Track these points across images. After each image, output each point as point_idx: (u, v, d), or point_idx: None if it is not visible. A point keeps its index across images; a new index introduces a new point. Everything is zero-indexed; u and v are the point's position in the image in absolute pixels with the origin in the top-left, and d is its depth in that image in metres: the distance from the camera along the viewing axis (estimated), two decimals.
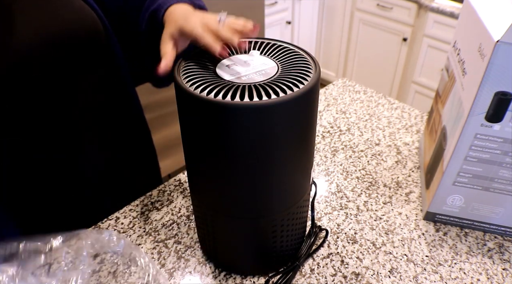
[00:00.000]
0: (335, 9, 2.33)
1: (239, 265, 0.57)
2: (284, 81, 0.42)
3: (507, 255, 0.61)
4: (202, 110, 0.41)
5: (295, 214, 0.53)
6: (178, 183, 0.74)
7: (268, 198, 0.48)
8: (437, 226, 0.66)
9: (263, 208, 0.48)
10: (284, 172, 0.46)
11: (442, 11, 1.79)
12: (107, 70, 0.61)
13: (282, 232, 0.52)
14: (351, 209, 0.69)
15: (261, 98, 0.39)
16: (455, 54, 0.66)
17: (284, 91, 0.40)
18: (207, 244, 0.57)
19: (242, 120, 0.40)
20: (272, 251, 0.54)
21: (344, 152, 0.82)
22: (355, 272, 0.58)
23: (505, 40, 0.46)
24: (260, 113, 0.39)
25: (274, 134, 0.41)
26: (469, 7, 0.61)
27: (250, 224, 0.50)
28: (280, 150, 0.43)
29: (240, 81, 0.42)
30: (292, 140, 0.44)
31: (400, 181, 0.75)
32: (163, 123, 1.56)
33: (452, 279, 0.57)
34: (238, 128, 0.40)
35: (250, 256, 0.55)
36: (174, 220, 0.66)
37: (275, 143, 0.42)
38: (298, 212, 0.53)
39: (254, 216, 0.49)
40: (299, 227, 0.56)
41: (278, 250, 0.55)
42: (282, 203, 0.49)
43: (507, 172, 0.57)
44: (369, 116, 0.93)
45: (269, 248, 0.54)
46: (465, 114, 0.54)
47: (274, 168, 0.45)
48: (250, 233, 0.52)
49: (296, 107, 0.41)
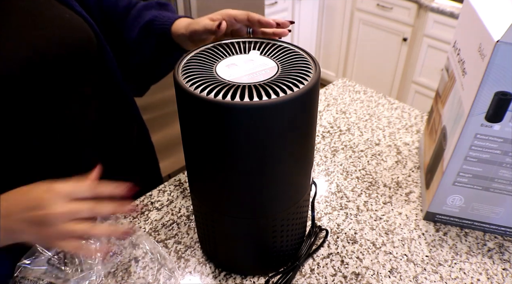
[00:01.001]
0: (335, 9, 2.33)
1: (239, 265, 0.57)
2: (284, 81, 0.42)
3: (507, 255, 0.61)
4: (202, 110, 0.41)
5: (295, 214, 0.53)
6: (178, 183, 0.74)
7: (268, 198, 0.48)
8: (437, 226, 0.66)
9: (263, 208, 0.48)
10: (284, 172, 0.46)
11: (442, 11, 1.79)
12: (101, 76, 0.62)
13: (282, 232, 0.52)
14: (351, 209, 0.69)
15: (261, 98, 0.39)
16: (455, 54, 0.66)
17: (284, 91, 0.40)
18: (207, 244, 0.57)
19: (242, 120, 0.40)
20: (272, 251, 0.54)
21: (344, 152, 0.82)
22: (355, 272, 0.58)
23: (505, 40, 0.46)
24: (260, 113, 0.39)
25: (274, 134, 0.41)
26: (469, 7, 0.61)
27: (250, 224, 0.50)
28: (280, 150, 0.43)
29: (240, 81, 0.42)
30: (292, 140, 0.44)
31: (400, 181, 0.75)
32: (163, 123, 1.56)
33: (452, 279, 0.57)
34: (238, 128, 0.40)
35: (250, 256, 0.55)
36: (174, 220, 0.66)
37: (275, 143, 0.42)
38: (298, 212, 0.53)
39: (254, 216, 0.49)
40: (299, 227, 0.56)
41: (278, 250, 0.55)
42: (282, 203, 0.49)
43: (507, 172, 0.57)
44: (369, 116, 0.93)
45: (269, 247, 0.54)
46: (465, 114, 0.54)
47: (274, 168, 0.45)
48: (250, 233, 0.52)
49: (296, 107, 0.41)
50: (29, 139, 0.52)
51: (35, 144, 0.53)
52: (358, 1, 2.16)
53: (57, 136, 0.55)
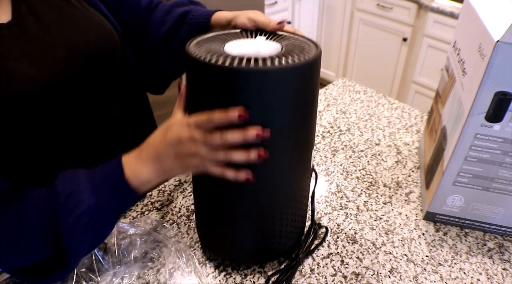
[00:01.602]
0: (335, 9, 2.32)
1: (236, 253, 0.57)
2: (287, 55, 0.44)
3: (507, 255, 0.61)
4: (210, 76, 0.43)
5: (294, 198, 0.53)
6: (178, 183, 0.74)
7: (268, 168, 0.48)
8: (437, 226, 0.66)
9: (262, 179, 0.49)
10: (285, 147, 0.48)
11: (442, 11, 1.79)
12: (123, 76, 0.63)
13: (282, 215, 0.53)
14: (351, 209, 0.69)
15: (266, 66, 0.41)
16: (455, 54, 0.66)
17: (287, 62, 0.42)
18: (203, 228, 0.58)
19: (248, 84, 0.42)
20: (271, 236, 0.54)
21: (344, 152, 0.82)
22: (355, 272, 0.58)
23: (505, 40, 0.46)
24: (264, 77, 0.42)
25: (278, 101, 0.44)
26: (469, 7, 0.61)
27: (248, 199, 0.51)
28: (281, 121, 0.45)
29: (247, 55, 0.44)
30: (293, 110, 0.46)
31: (400, 181, 0.75)
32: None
33: (452, 279, 0.57)
34: (243, 92, 0.42)
35: (248, 242, 0.55)
36: (174, 220, 0.66)
37: (278, 110, 0.44)
38: (298, 195, 0.54)
39: (252, 188, 0.50)
40: (299, 214, 0.56)
41: (277, 237, 0.54)
42: (282, 176, 0.50)
43: (507, 172, 0.57)
44: (369, 116, 0.93)
45: (268, 232, 0.54)
46: (465, 114, 0.54)
47: (275, 140, 0.46)
48: (249, 211, 0.52)
49: (297, 78, 0.44)
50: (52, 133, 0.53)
51: (54, 138, 0.54)
52: (358, 1, 2.16)
53: (74, 132, 0.56)
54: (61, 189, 0.44)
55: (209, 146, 0.44)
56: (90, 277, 0.53)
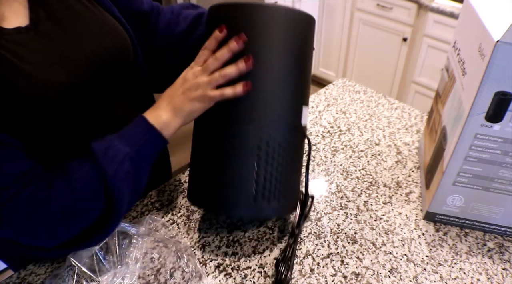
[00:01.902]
0: (335, 9, 2.32)
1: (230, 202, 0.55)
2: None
3: (507, 255, 0.61)
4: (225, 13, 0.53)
5: (283, 146, 0.54)
6: (178, 183, 0.74)
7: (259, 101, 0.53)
8: (437, 226, 0.66)
9: (252, 109, 0.53)
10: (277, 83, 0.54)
11: (442, 11, 1.79)
12: (134, 78, 0.64)
13: (267, 157, 0.53)
14: (351, 209, 0.69)
15: None
16: (455, 54, 0.66)
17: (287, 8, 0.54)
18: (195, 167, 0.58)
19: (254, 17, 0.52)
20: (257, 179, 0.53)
21: (344, 152, 0.82)
22: (355, 272, 0.58)
23: (505, 40, 0.46)
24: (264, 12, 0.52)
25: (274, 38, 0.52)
26: (469, 7, 0.61)
27: (237, 129, 0.53)
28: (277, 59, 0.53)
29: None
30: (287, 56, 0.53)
31: (400, 181, 0.75)
32: None
33: (452, 279, 0.57)
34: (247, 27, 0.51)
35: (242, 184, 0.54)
36: (174, 220, 0.66)
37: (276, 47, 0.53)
38: (286, 144, 0.55)
39: (241, 117, 0.53)
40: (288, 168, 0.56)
41: (261, 181, 0.53)
42: (271, 110, 0.54)
43: (507, 172, 0.57)
44: (369, 116, 0.93)
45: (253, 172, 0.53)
46: (465, 114, 0.54)
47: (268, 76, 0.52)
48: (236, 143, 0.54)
49: (295, 22, 0.55)
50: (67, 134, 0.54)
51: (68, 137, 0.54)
52: (358, 1, 2.16)
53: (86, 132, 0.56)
54: (98, 147, 0.50)
55: (207, 72, 0.53)
56: (91, 277, 0.54)
